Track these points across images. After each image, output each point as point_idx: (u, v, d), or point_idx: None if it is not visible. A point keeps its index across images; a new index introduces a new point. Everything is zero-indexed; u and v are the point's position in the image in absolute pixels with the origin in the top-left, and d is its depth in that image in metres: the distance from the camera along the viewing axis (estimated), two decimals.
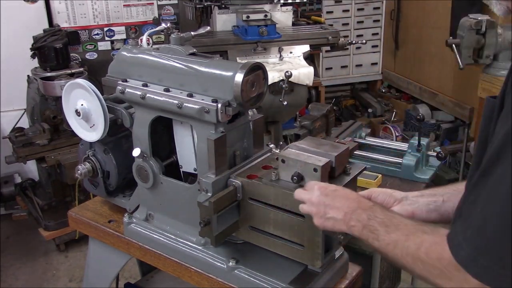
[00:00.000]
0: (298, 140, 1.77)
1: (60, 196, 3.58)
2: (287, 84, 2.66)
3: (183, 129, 1.43)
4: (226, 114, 1.28)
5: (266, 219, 1.25)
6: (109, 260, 1.69)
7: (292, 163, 1.21)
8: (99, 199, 1.77)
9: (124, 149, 1.60)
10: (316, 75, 2.89)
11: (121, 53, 1.52)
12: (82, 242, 3.50)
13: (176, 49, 1.44)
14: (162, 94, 1.36)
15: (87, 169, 1.61)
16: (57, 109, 3.34)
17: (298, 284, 1.28)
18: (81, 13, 3.76)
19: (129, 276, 3.05)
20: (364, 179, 2.07)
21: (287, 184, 1.21)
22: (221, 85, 1.30)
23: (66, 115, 1.59)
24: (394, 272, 2.59)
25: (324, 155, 1.22)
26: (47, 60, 3.34)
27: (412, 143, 2.15)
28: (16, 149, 3.28)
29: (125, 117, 1.50)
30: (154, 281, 2.05)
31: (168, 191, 1.46)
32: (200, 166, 1.37)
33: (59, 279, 3.32)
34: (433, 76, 4.50)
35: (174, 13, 4.03)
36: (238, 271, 1.33)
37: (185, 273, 1.44)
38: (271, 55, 2.90)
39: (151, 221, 1.53)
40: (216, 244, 1.27)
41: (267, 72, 1.35)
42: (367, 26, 4.93)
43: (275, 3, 3.02)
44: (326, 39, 2.94)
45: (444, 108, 4.37)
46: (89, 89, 1.49)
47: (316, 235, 1.18)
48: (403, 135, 4.63)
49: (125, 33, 3.90)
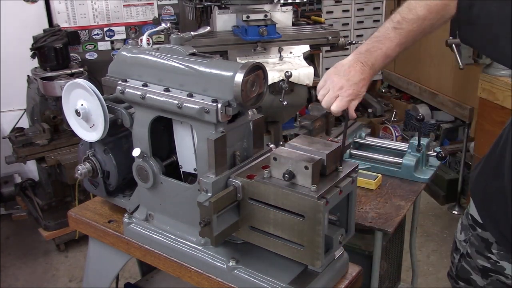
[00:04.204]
0: None
1: (60, 196, 3.58)
2: (287, 84, 2.66)
3: (183, 129, 1.43)
4: (226, 114, 1.28)
5: (266, 219, 1.26)
6: (109, 260, 1.69)
7: (284, 160, 1.21)
8: (99, 199, 1.77)
9: (124, 149, 1.60)
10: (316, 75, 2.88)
11: (121, 53, 1.52)
12: (82, 242, 3.50)
13: (176, 49, 1.44)
14: (162, 94, 1.36)
15: (87, 169, 1.61)
16: (57, 109, 3.34)
17: (298, 284, 1.28)
18: (81, 13, 3.76)
19: (129, 276, 3.05)
20: (364, 179, 2.07)
21: (279, 182, 1.21)
22: (221, 85, 1.30)
23: (66, 115, 1.59)
24: (394, 272, 2.59)
25: (315, 153, 1.23)
26: (47, 60, 3.34)
27: (412, 143, 2.15)
28: (16, 149, 3.28)
29: (125, 117, 1.50)
30: (154, 281, 2.05)
31: (168, 191, 1.46)
32: (200, 166, 1.38)
33: (59, 279, 3.32)
34: (433, 76, 4.50)
35: (174, 13, 4.03)
36: (238, 271, 1.33)
37: (185, 273, 1.44)
38: (271, 55, 2.90)
39: (151, 221, 1.53)
40: (216, 244, 1.27)
41: (267, 72, 1.35)
42: (367, 26, 4.93)
43: (275, 3, 3.02)
44: (326, 39, 2.94)
45: (444, 108, 4.37)
46: (89, 89, 1.49)
47: (316, 235, 1.18)
48: (403, 135, 4.63)
49: (125, 33, 3.90)
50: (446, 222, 3.89)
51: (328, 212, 1.23)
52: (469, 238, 1.61)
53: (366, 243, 2.20)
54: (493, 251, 1.54)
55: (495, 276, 1.55)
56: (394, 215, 1.91)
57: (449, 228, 3.80)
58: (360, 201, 1.98)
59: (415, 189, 2.08)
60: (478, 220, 1.56)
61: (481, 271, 1.58)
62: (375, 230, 1.92)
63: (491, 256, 1.54)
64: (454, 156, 4.21)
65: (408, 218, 2.40)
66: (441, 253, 3.52)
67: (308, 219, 1.18)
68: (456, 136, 4.48)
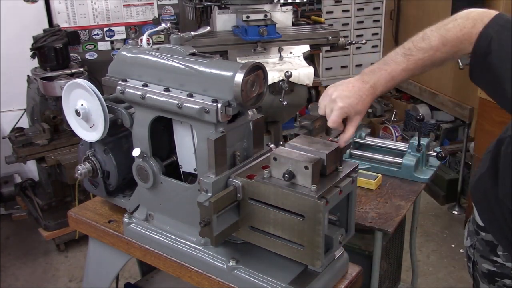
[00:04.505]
0: None
1: (60, 196, 3.58)
2: (287, 84, 2.66)
3: (183, 129, 1.43)
4: (226, 114, 1.28)
5: (266, 219, 1.26)
6: (109, 260, 1.69)
7: (284, 160, 1.21)
8: (99, 199, 1.77)
9: (124, 149, 1.60)
10: (316, 75, 2.88)
11: (121, 53, 1.52)
12: (82, 242, 3.50)
13: (176, 49, 1.44)
14: (162, 94, 1.36)
15: (87, 169, 1.61)
16: (57, 109, 3.34)
17: (298, 284, 1.28)
18: (81, 13, 3.76)
19: (129, 276, 3.05)
20: (364, 179, 2.07)
21: (279, 182, 1.21)
22: (221, 85, 1.30)
23: (66, 115, 1.59)
24: (394, 272, 2.59)
25: (315, 153, 1.23)
26: (47, 60, 3.34)
27: (412, 143, 2.15)
28: (16, 149, 3.28)
29: (125, 117, 1.50)
30: (154, 281, 2.05)
31: (168, 191, 1.46)
32: (200, 166, 1.38)
33: (59, 279, 3.32)
34: (433, 76, 4.49)
35: (174, 13, 4.03)
36: (238, 271, 1.33)
37: (185, 273, 1.44)
38: (271, 55, 2.90)
39: (151, 221, 1.53)
40: (216, 244, 1.27)
41: (267, 72, 1.35)
42: (367, 26, 4.92)
43: (275, 3, 3.02)
44: (326, 39, 2.94)
45: (444, 108, 4.37)
46: (89, 89, 1.49)
47: (316, 235, 1.18)
48: (403, 135, 4.63)
49: (125, 33, 3.90)
50: (446, 222, 3.89)
51: (328, 212, 1.23)
52: (474, 243, 1.61)
53: (366, 243, 2.20)
54: (499, 253, 1.53)
55: (501, 281, 1.54)
56: (394, 215, 1.91)
57: (449, 228, 3.80)
58: (360, 201, 1.99)
59: (415, 189, 2.08)
60: (481, 224, 1.55)
61: (486, 276, 1.57)
62: (375, 230, 1.92)
63: (496, 260, 1.54)
64: (454, 156, 4.21)
65: (408, 218, 2.41)
66: (441, 253, 3.52)
67: (308, 219, 1.18)
68: (456, 136, 4.48)
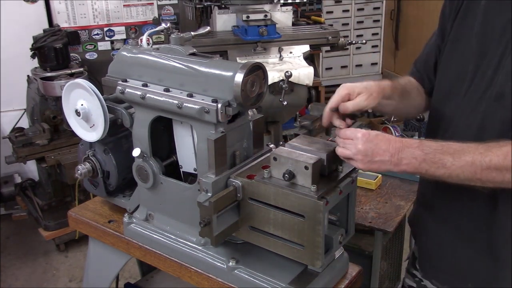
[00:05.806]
0: None
1: (60, 196, 3.58)
2: (287, 84, 2.66)
3: (183, 129, 1.43)
4: (226, 114, 1.28)
5: (266, 219, 1.25)
6: (109, 260, 1.69)
7: (284, 160, 1.21)
8: (99, 199, 1.77)
9: (124, 149, 1.60)
10: (316, 75, 2.89)
11: (121, 53, 1.52)
12: (82, 242, 3.50)
13: (176, 49, 1.44)
14: (162, 94, 1.36)
15: (87, 169, 1.61)
16: (57, 109, 3.35)
17: (298, 284, 1.28)
18: (81, 13, 3.76)
19: (129, 276, 3.05)
20: (364, 179, 2.07)
21: (279, 182, 1.21)
22: (221, 85, 1.30)
23: (66, 115, 1.59)
24: (394, 272, 2.59)
25: (315, 153, 1.23)
26: (47, 60, 3.34)
27: None
28: (16, 149, 3.28)
29: (125, 117, 1.50)
30: (154, 281, 2.05)
31: (168, 191, 1.46)
32: (200, 166, 1.37)
33: (59, 279, 3.32)
34: None
35: (174, 13, 4.04)
36: (238, 271, 1.33)
37: (185, 273, 1.44)
38: (271, 55, 2.90)
39: (151, 221, 1.53)
40: (216, 244, 1.27)
41: (267, 72, 1.35)
42: (367, 26, 4.93)
43: (275, 3, 3.02)
44: (326, 39, 2.94)
45: None
46: (89, 89, 1.49)
47: (316, 235, 1.18)
48: (403, 135, 4.62)
49: (125, 33, 3.90)
50: None
51: (328, 212, 1.23)
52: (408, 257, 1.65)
53: (366, 243, 2.20)
54: (417, 267, 1.54)
55: None
56: (394, 215, 1.91)
57: None
58: (360, 201, 1.99)
59: (415, 189, 2.07)
60: None
61: None
62: (375, 230, 1.92)
63: (416, 274, 1.55)
64: None
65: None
66: None
67: (308, 219, 1.18)
68: None
